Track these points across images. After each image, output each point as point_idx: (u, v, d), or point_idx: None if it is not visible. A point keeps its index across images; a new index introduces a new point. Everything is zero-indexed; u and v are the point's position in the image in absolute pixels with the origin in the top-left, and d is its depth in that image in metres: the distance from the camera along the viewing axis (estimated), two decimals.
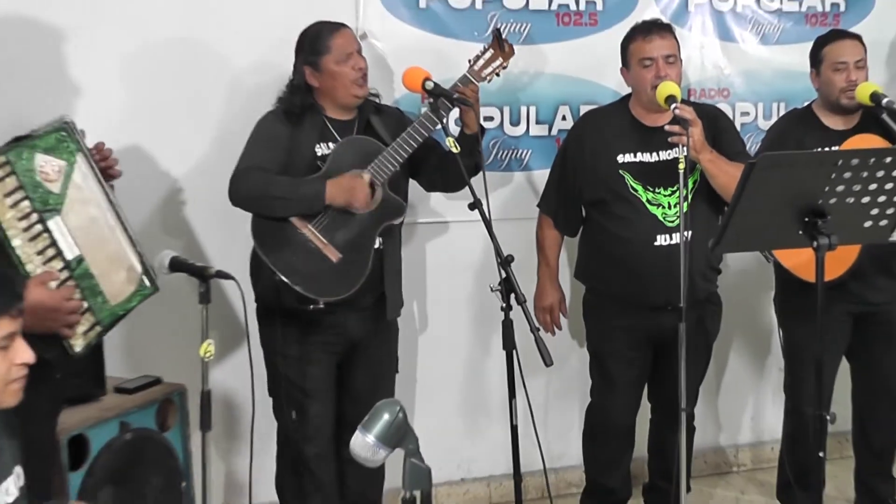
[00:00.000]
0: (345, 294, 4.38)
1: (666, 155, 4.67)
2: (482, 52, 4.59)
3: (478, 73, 4.56)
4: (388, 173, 4.41)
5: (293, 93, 4.51)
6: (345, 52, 4.43)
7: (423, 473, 2.79)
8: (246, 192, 4.35)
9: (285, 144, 4.44)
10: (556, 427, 5.51)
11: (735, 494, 5.79)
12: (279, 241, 4.36)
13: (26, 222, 3.35)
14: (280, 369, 4.53)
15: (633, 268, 4.68)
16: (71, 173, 3.52)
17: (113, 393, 4.51)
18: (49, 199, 3.43)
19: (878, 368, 5.15)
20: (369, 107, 4.62)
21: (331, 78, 4.44)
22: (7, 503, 2.90)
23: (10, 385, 2.76)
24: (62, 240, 3.44)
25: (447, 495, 5.60)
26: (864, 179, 3.73)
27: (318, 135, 4.47)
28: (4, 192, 3.30)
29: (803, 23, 5.78)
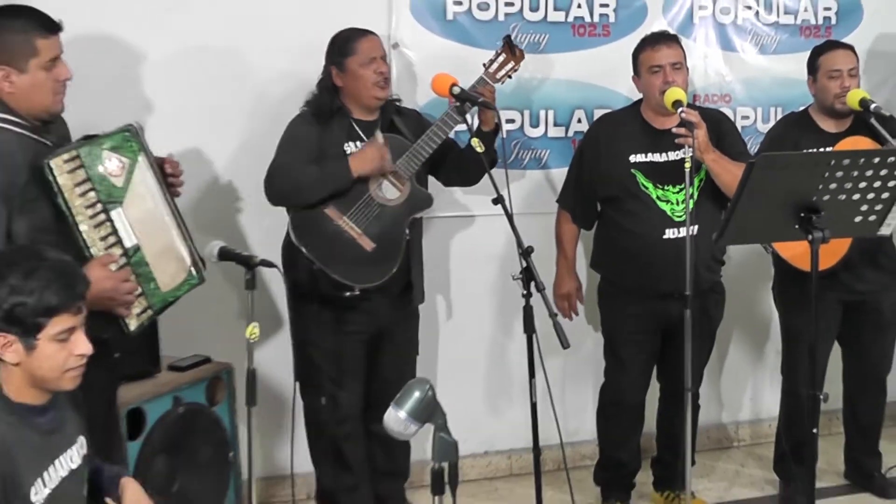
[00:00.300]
0: (379, 281, 4.40)
1: (674, 155, 4.66)
2: (495, 57, 4.59)
3: (492, 75, 4.55)
4: (416, 167, 4.43)
5: (321, 92, 4.52)
6: (369, 55, 4.44)
7: (451, 446, 2.82)
8: (280, 189, 4.38)
9: (315, 144, 4.44)
10: (572, 405, 5.52)
11: (735, 467, 5.77)
12: (317, 232, 4.37)
13: (92, 210, 3.39)
14: (314, 359, 4.52)
15: (644, 259, 4.69)
16: (133, 170, 3.56)
17: (167, 370, 4.55)
18: (113, 192, 3.47)
19: (866, 353, 5.18)
20: (391, 108, 4.64)
21: (354, 79, 4.45)
22: (72, 469, 2.95)
23: (67, 372, 2.83)
24: (122, 229, 3.48)
25: (471, 467, 5.61)
26: (854, 178, 3.73)
27: (345, 134, 4.48)
28: (75, 183, 3.34)
29: (798, 34, 5.77)
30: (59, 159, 3.31)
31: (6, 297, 2.69)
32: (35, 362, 2.76)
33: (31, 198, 3.30)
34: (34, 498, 2.78)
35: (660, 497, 5.26)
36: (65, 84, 3.50)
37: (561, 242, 5.05)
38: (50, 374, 2.80)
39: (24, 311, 2.70)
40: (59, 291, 2.74)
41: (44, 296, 2.71)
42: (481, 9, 5.22)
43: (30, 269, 2.73)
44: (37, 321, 2.72)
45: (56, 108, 3.51)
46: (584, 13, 5.38)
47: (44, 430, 2.87)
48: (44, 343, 2.75)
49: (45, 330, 2.74)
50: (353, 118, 4.53)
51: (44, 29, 3.42)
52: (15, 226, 3.27)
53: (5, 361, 2.77)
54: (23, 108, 3.40)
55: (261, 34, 4.93)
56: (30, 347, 2.74)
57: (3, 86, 3.37)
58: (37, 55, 3.39)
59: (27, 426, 2.82)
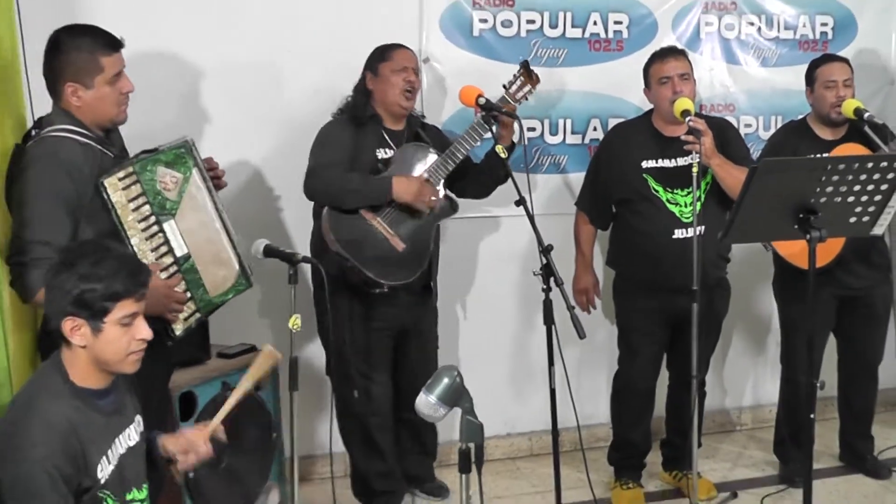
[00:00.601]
0: (407, 280, 4.41)
1: (682, 161, 4.65)
2: (514, 79, 4.58)
3: (512, 95, 4.56)
4: (444, 174, 4.45)
5: (355, 95, 4.53)
6: (402, 64, 4.46)
7: (477, 428, 2.84)
8: (323, 187, 4.36)
9: (349, 146, 4.43)
10: (588, 391, 5.52)
11: (738, 449, 5.77)
12: (351, 231, 4.36)
13: (145, 223, 3.44)
14: (345, 354, 4.51)
15: (655, 257, 4.69)
16: (186, 185, 3.59)
17: (216, 358, 4.60)
18: (166, 204, 3.51)
19: (859, 344, 5.18)
20: (416, 122, 4.65)
21: (384, 83, 4.46)
22: (130, 446, 2.99)
23: (129, 356, 2.87)
24: (174, 239, 3.53)
25: (495, 447, 5.63)
26: (849, 182, 3.72)
27: (377, 141, 4.48)
28: (129, 198, 3.38)
29: (797, 48, 5.76)
30: (115, 178, 3.36)
31: (77, 284, 2.74)
32: (100, 345, 2.80)
33: (97, 207, 3.35)
34: (100, 475, 2.82)
35: (668, 476, 5.26)
36: (127, 96, 3.54)
37: (579, 242, 5.06)
38: (114, 356, 2.84)
39: (92, 297, 2.74)
40: (124, 279, 2.79)
41: (111, 283, 2.76)
42: (505, 26, 5.23)
43: (98, 258, 2.79)
44: (104, 305, 2.76)
45: (120, 119, 3.55)
46: (599, 30, 5.39)
47: (106, 411, 2.91)
48: (109, 327, 2.79)
49: (110, 314, 2.78)
50: (384, 126, 4.54)
51: (107, 47, 3.46)
52: (82, 231, 3.32)
53: (73, 346, 2.81)
54: (89, 120, 3.44)
55: (299, 50, 4.96)
56: (96, 330, 2.78)
57: (72, 100, 3.41)
58: (102, 71, 3.43)
59: (91, 408, 2.85)
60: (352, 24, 4.99)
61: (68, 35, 3.43)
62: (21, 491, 2.64)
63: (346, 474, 4.96)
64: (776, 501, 4.98)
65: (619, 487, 5.07)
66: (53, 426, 2.72)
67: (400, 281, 4.40)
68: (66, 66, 3.40)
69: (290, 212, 5.07)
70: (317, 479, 5.26)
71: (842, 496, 5.04)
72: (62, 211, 3.26)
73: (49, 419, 2.73)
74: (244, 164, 4.96)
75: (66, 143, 3.34)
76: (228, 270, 3.76)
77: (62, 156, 3.30)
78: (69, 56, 3.39)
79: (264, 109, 4.97)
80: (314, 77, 4.98)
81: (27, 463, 2.65)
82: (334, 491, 4.35)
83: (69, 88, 3.39)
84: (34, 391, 2.84)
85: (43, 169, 3.27)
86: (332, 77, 4.89)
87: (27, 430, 2.70)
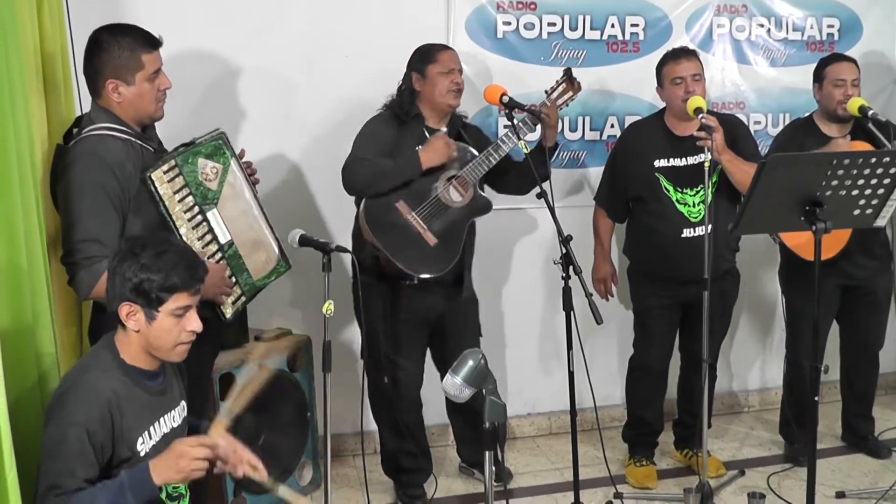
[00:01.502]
0: (437, 273, 4.38)
1: (693, 160, 4.66)
2: (556, 86, 4.55)
3: (554, 101, 4.52)
4: (480, 174, 4.42)
5: (400, 95, 4.50)
6: (448, 66, 4.43)
7: (500, 408, 2.83)
8: (358, 178, 4.34)
9: (389, 143, 4.42)
10: (604, 373, 5.52)
11: (745, 430, 5.75)
12: (387, 224, 4.35)
13: (190, 214, 3.43)
14: (377, 340, 4.52)
15: (666, 253, 4.72)
16: (225, 174, 3.60)
17: (254, 341, 4.64)
18: (208, 194, 3.51)
19: (861, 330, 5.16)
20: (458, 121, 4.62)
21: (432, 85, 4.43)
22: (173, 427, 3.01)
23: (178, 346, 2.90)
24: (217, 228, 3.53)
25: (517, 426, 5.64)
26: (853, 176, 3.72)
27: (418, 139, 4.45)
28: (174, 190, 3.38)
29: (805, 49, 5.73)
30: (160, 171, 3.35)
31: (137, 273, 2.77)
32: (153, 332, 2.83)
33: (143, 200, 3.35)
34: (139, 447, 2.85)
35: (680, 454, 5.26)
36: (165, 93, 3.54)
37: (598, 234, 5.06)
38: (164, 344, 2.87)
39: (150, 286, 2.77)
40: (182, 273, 2.81)
41: (169, 275, 2.79)
42: (527, 28, 5.22)
43: (160, 251, 2.81)
44: (160, 296, 2.79)
45: (158, 115, 3.55)
46: (616, 32, 5.38)
47: (152, 391, 2.94)
48: (163, 316, 2.82)
49: (165, 305, 2.81)
50: (427, 125, 4.51)
51: (148, 45, 3.46)
52: (130, 225, 3.33)
53: (127, 329, 2.84)
54: (129, 116, 3.44)
55: (330, 51, 4.98)
56: (150, 318, 2.81)
57: (113, 97, 3.40)
58: (142, 68, 3.43)
59: (138, 386, 2.88)
60: (382, 26, 5.00)
61: (109, 34, 3.42)
62: (53, 448, 2.69)
63: (375, 451, 4.98)
64: (782, 479, 4.97)
65: (633, 464, 5.06)
66: (97, 395, 2.75)
67: (430, 274, 4.38)
68: (107, 63, 3.39)
69: (324, 204, 5.09)
70: (349, 456, 5.28)
71: (844, 474, 5.02)
72: (108, 206, 3.27)
73: (94, 388, 2.77)
74: (281, 159, 4.98)
75: (108, 140, 3.34)
76: (269, 254, 3.77)
77: (104, 153, 3.30)
78: (111, 53, 3.38)
79: (298, 107, 4.99)
80: (346, 77, 5.00)
81: (64, 423, 2.69)
82: (365, 468, 4.36)
83: (110, 85, 3.39)
84: (86, 366, 2.88)
85: (86, 167, 3.27)
86: (362, 76, 4.95)
87: (73, 396, 2.74)
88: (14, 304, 2.89)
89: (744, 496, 4.58)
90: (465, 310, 4.73)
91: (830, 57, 5.02)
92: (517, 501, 4.76)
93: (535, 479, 5.09)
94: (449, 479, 4.98)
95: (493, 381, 2.85)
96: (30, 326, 2.97)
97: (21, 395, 2.92)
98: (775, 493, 4.78)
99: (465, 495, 4.90)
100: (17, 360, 2.87)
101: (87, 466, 2.70)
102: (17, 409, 2.80)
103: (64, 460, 2.67)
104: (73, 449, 2.67)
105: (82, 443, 2.68)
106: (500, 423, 2.86)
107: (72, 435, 2.67)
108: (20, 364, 2.92)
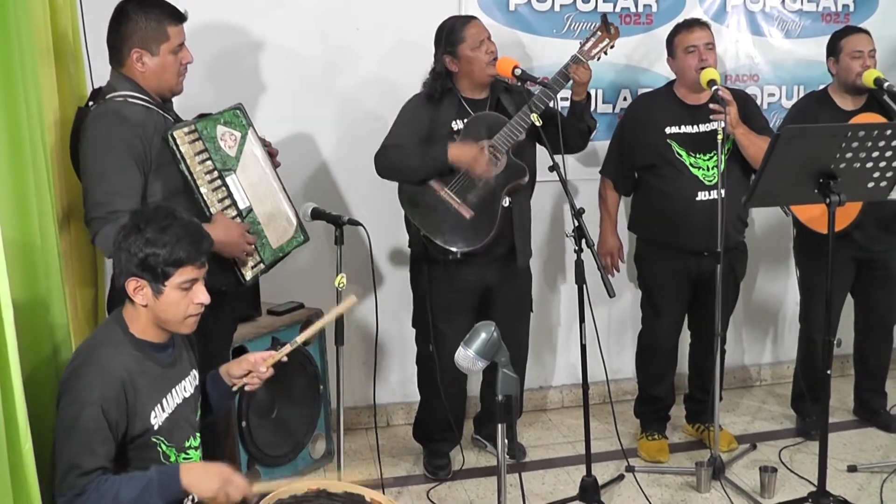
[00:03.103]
0: (477, 245, 4.38)
1: (705, 128, 4.65)
2: (592, 34, 4.49)
3: (587, 52, 4.45)
4: (512, 142, 4.37)
5: (435, 79, 4.46)
6: (478, 39, 4.38)
7: (513, 381, 2.86)
8: (387, 166, 4.38)
9: (426, 124, 4.42)
10: (615, 347, 5.52)
11: (758, 404, 5.75)
12: (422, 203, 4.38)
13: (210, 176, 3.46)
14: (426, 309, 4.56)
15: (678, 219, 4.68)
16: (244, 142, 3.63)
17: (267, 315, 4.66)
18: (227, 161, 3.53)
19: (875, 304, 5.14)
20: (499, 87, 4.56)
21: (468, 62, 4.39)
22: (185, 397, 3.03)
23: (187, 319, 2.91)
24: (236, 193, 3.55)
25: (529, 399, 5.61)
26: (868, 149, 3.72)
27: (454, 112, 4.44)
28: (195, 152, 3.41)
29: (819, 20, 5.68)
30: (181, 131, 3.39)
31: (142, 248, 2.78)
32: (161, 306, 2.84)
33: (164, 163, 3.37)
34: (153, 421, 2.86)
35: (691, 429, 5.26)
36: (186, 67, 3.57)
37: (605, 206, 5.02)
38: (173, 317, 2.88)
39: (156, 261, 2.78)
40: (187, 247, 2.82)
41: (174, 249, 2.79)
42: (540, 1, 5.19)
43: (165, 225, 2.81)
44: (166, 270, 2.80)
45: (179, 88, 3.58)
46: (629, 3, 5.34)
47: (164, 363, 2.95)
48: (170, 290, 2.82)
49: (171, 279, 2.81)
50: (463, 96, 4.48)
51: (174, 18, 3.50)
52: (150, 188, 3.36)
53: (135, 304, 2.85)
54: (151, 86, 3.47)
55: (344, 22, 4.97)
56: (157, 292, 2.82)
57: (137, 66, 3.44)
58: (168, 40, 3.47)
59: (149, 359, 2.90)
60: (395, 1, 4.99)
61: (137, 4, 3.45)
62: (68, 425, 2.70)
63: (389, 424, 5.00)
64: (793, 453, 4.97)
65: (645, 439, 5.06)
66: (110, 373, 2.77)
67: (470, 247, 4.39)
68: (134, 33, 3.42)
69: (338, 177, 5.09)
70: (362, 430, 5.28)
71: (856, 448, 5.02)
72: (131, 163, 3.29)
73: (107, 366, 2.78)
74: (294, 133, 4.96)
75: (129, 104, 3.39)
76: (287, 223, 3.79)
77: (126, 112, 3.35)
78: (138, 23, 3.42)
79: (311, 80, 4.98)
80: (358, 50, 5.00)
81: (79, 402, 2.70)
82: (378, 441, 4.38)
83: (135, 54, 3.42)
84: (97, 341, 2.89)
85: (109, 125, 3.31)
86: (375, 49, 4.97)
87: (87, 373, 2.75)
88: (27, 279, 2.90)
89: (755, 470, 4.59)
90: (516, 282, 4.71)
91: (845, 29, 4.99)
92: (529, 475, 4.77)
93: (548, 452, 5.11)
94: (462, 451, 4.98)
95: (505, 354, 2.86)
96: (43, 301, 2.98)
97: (36, 368, 2.93)
98: (787, 467, 4.78)
99: (477, 468, 4.92)
100: (30, 333, 2.88)
101: (104, 442, 2.72)
102: (32, 382, 2.81)
103: (82, 439, 2.69)
104: (89, 427, 2.69)
105: (97, 420, 2.70)
106: (513, 396, 2.88)
107: (86, 414, 2.69)
108: (34, 337, 2.93)
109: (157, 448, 2.88)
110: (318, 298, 4.73)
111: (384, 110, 4.74)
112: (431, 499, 4.58)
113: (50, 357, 3.02)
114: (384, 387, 5.18)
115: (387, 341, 5.21)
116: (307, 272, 4.97)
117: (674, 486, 4.66)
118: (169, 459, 2.91)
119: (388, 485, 4.57)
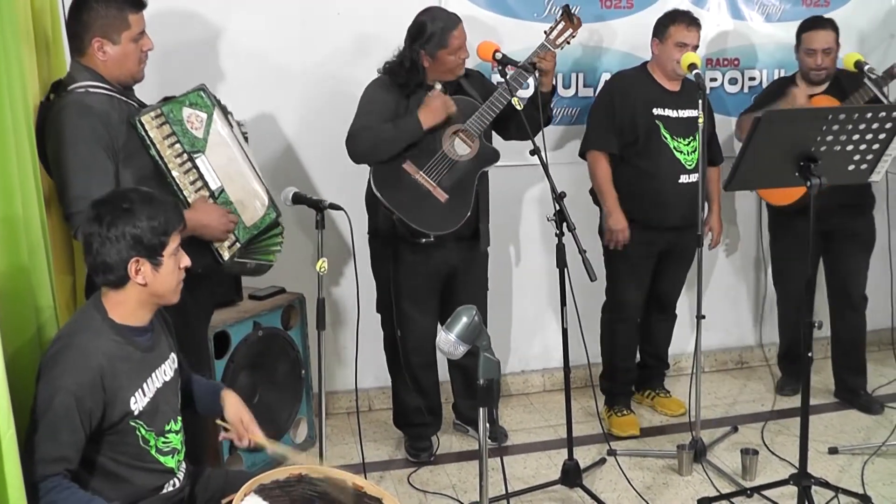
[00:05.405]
0: (451, 229, 4.39)
1: (685, 113, 4.79)
2: (555, 24, 4.48)
3: (553, 41, 4.45)
4: (484, 125, 4.39)
5: (408, 71, 4.41)
6: (457, 46, 4.37)
7: (494, 365, 2.84)
8: (361, 149, 4.33)
9: (392, 108, 4.39)
10: (595, 331, 5.49)
11: (739, 386, 5.77)
12: (396, 185, 4.35)
13: (180, 160, 3.45)
14: (391, 295, 4.54)
15: (659, 199, 4.78)
16: (210, 123, 3.61)
17: (248, 299, 4.64)
18: (195, 142, 3.53)
19: (840, 275, 5.27)
20: None
21: (441, 64, 4.38)
22: (165, 381, 3.01)
23: (178, 286, 2.93)
24: (207, 174, 3.54)
25: (510, 383, 5.65)
26: (848, 131, 3.71)
27: (420, 99, 4.40)
28: (164, 136, 3.40)
29: (800, 4, 5.69)
30: (148, 116, 3.39)
31: (136, 225, 2.77)
32: (160, 279, 2.84)
33: (133, 150, 3.36)
34: (133, 406, 2.84)
35: (640, 396, 5.46)
36: (147, 54, 3.54)
37: (601, 184, 4.91)
38: (168, 287, 2.88)
39: (152, 234, 2.78)
40: (169, 213, 2.84)
41: (162, 218, 2.81)
42: None
43: (145, 198, 2.82)
44: (161, 240, 2.81)
45: (140, 76, 3.56)
46: None
47: (143, 347, 2.92)
48: (166, 259, 2.84)
49: (168, 248, 2.83)
50: (427, 84, 4.47)
51: (134, 5, 3.47)
52: (121, 176, 3.34)
53: (122, 288, 2.84)
54: (112, 75, 3.44)
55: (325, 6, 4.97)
56: (157, 265, 2.82)
57: (98, 55, 3.41)
58: (129, 28, 3.44)
59: (130, 344, 2.87)
60: None
61: None
62: (42, 409, 2.69)
63: (371, 409, 4.99)
64: (774, 435, 4.99)
65: (614, 415, 5.13)
66: (88, 360, 2.75)
67: (445, 230, 4.39)
68: (95, 21, 3.39)
69: (317, 163, 5.09)
70: (343, 413, 5.29)
71: (837, 430, 5.04)
72: (102, 152, 3.28)
73: (86, 353, 2.76)
74: (273, 118, 4.96)
75: (91, 94, 3.35)
76: (259, 201, 3.76)
77: (89, 102, 3.32)
78: (99, 12, 3.39)
79: (292, 64, 4.97)
80: (339, 34, 4.99)
81: (52, 388, 2.69)
82: (360, 425, 4.38)
83: (96, 43, 3.39)
84: (76, 327, 2.86)
85: (76, 117, 3.27)
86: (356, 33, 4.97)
87: (64, 359, 2.74)
88: (10, 255, 2.86)
89: (737, 452, 4.59)
90: (477, 265, 4.74)
91: (807, 22, 5.09)
92: (511, 458, 4.77)
93: (529, 436, 5.11)
94: (443, 435, 4.98)
95: (487, 338, 2.85)
96: (27, 279, 2.93)
97: (20, 349, 2.90)
98: (768, 449, 4.79)
99: (459, 452, 4.91)
100: (14, 313, 2.86)
101: (72, 432, 2.70)
102: (15, 364, 2.80)
103: (49, 424, 2.67)
104: (58, 414, 2.67)
105: (68, 409, 2.68)
106: (494, 380, 2.87)
107: (58, 401, 2.67)
108: (18, 317, 2.90)
109: (135, 433, 2.85)
110: (299, 283, 4.71)
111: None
112: (413, 483, 4.57)
113: (34, 338, 2.98)
114: (366, 371, 5.14)
115: (368, 325, 5.17)
116: (288, 257, 4.92)
117: (655, 468, 4.66)
118: (147, 444, 2.89)
119: (369, 469, 4.56)
